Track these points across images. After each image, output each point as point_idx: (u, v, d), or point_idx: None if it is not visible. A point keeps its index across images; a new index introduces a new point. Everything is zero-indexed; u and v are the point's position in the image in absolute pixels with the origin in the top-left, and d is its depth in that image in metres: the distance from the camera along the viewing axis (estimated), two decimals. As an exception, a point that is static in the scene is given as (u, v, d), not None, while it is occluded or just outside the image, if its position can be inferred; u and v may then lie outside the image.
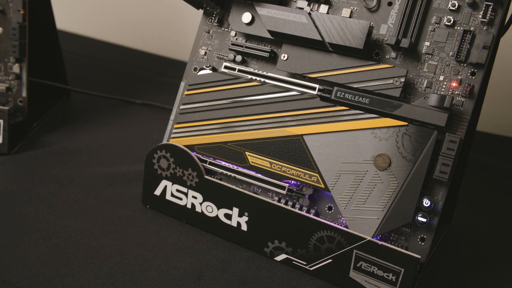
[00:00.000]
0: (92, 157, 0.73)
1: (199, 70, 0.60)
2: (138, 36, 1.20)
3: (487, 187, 0.73)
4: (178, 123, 0.60)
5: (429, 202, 0.48)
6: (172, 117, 0.62)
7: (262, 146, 0.55)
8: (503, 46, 0.67)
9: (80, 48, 1.15)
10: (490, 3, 0.48)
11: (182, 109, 0.59)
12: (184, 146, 0.58)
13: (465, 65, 0.49)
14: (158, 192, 0.61)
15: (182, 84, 0.62)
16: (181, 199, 0.59)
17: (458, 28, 0.50)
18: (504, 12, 0.49)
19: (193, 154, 0.58)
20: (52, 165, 0.70)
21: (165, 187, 0.60)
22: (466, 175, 0.64)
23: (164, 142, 0.61)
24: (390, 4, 0.53)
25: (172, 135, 0.60)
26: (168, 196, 0.60)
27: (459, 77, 0.49)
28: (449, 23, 0.50)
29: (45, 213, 0.59)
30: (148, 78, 1.04)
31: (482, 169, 0.76)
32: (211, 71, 0.59)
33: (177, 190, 0.59)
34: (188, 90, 0.59)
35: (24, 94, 0.74)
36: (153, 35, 1.18)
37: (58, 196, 0.63)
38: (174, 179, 0.59)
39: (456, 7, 0.50)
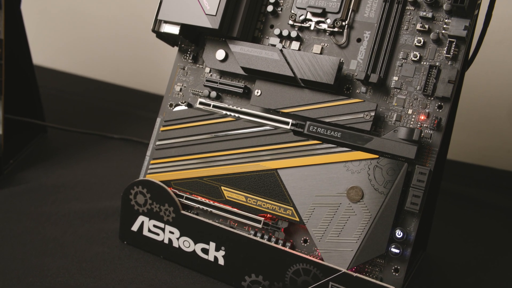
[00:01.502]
0: (69, 193, 0.73)
1: (175, 106, 0.61)
2: (115, 71, 1.21)
3: (460, 215, 0.74)
4: (154, 158, 0.60)
5: (401, 233, 0.49)
6: (148, 152, 0.62)
7: (237, 181, 0.56)
8: (470, 78, 0.70)
9: (57, 83, 1.15)
10: (453, 40, 0.50)
11: (158, 145, 0.60)
12: (161, 181, 0.59)
13: (432, 98, 0.51)
14: (135, 228, 0.61)
15: (158, 120, 0.63)
16: (158, 234, 0.60)
17: (424, 63, 0.51)
18: (467, 47, 0.51)
19: (169, 189, 0.58)
20: (29, 203, 0.69)
21: (142, 222, 0.60)
22: (439, 204, 0.65)
23: (141, 178, 0.62)
24: (359, 40, 0.55)
25: (149, 171, 0.60)
26: (145, 232, 0.60)
27: (427, 110, 0.51)
28: (415, 59, 0.52)
29: (20, 252, 0.59)
30: (126, 113, 1.04)
31: (455, 197, 0.78)
32: (186, 107, 0.60)
33: (154, 226, 0.60)
34: (164, 126, 0.60)
35: (0, 131, 0.74)
36: (130, 69, 1.19)
37: (34, 234, 0.63)
38: (151, 215, 0.60)
39: (421, 43, 0.52)
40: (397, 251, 0.49)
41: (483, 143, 0.86)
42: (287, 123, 0.55)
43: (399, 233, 0.49)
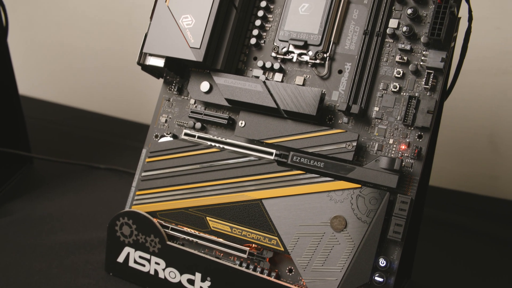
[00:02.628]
0: (55, 224, 0.73)
1: (160, 137, 0.61)
2: (101, 100, 1.21)
3: (444, 241, 0.75)
4: (140, 189, 0.60)
5: (384, 262, 0.50)
6: (134, 183, 0.63)
7: (222, 211, 0.56)
8: (452, 105, 0.71)
9: (43, 113, 1.15)
10: (431, 71, 0.52)
11: (143, 176, 0.60)
12: (146, 212, 0.59)
13: (412, 128, 0.52)
14: (121, 259, 0.61)
15: (144, 151, 0.63)
16: (144, 265, 0.60)
17: (404, 94, 0.53)
18: (445, 78, 0.52)
19: (155, 220, 0.59)
20: (14, 235, 0.69)
21: (128, 254, 0.61)
22: (422, 230, 0.66)
23: (127, 209, 0.62)
24: (340, 72, 0.56)
25: (134, 202, 0.61)
26: (131, 263, 0.60)
27: (408, 140, 0.52)
28: (395, 90, 0.53)
29: (5, 285, 0.59)
30: (112, 142, 1.05)
31: (438, 223, 0.79)
32: (171, 138, 0.60)
33: (140, 257, 0.60)
34: (149, 157, 0.61)
35: (-15, 163, 0.74)
36: (116, 98, 1.20)
37: (19, 266, 0.62)
38: (137, 246, 0.60)
39: (401, 74, 0.53)
40: (380, 279, 0.50)
41: (466, 170, 0.87)
42: (271, 154, 0.55)
43: (382, 262, 0.50)
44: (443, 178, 0.87)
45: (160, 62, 0.59)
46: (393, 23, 0.54)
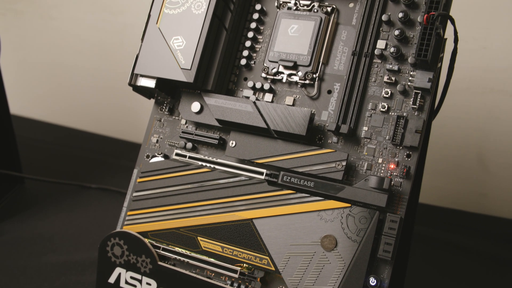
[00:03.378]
0: (45, 245, 0.72)
1: (151, 158, 0.62)
2: (93, 119, 1.22)
3: (435, 259, 0.76)
4: (131, 210, 0.61)
5: (375, 281, 0.50)
6: (125, 204, 0.63)
7: (213, 231, 0.56)
8: (440, 123, 0.72)
9: (34, 132, 1.15)
10: (418, 91, 0.52)
11: (135, 196, 0.61)
12: (138, 232, 0.59)
13: (401, 148, 0.53)
14: (112, 280, 0.61)
15: (135, 171, 0.63)
16: (135, 286, 0.60)
17: (392, 114, 0.53)
18: (432, 98, 0.53)
19: (146, 240, 0.59)
20: (4, 256, 0.69)
21: (119, 274, 0.60)
22: (413, 248, 0.66)
23: (118, 229, 0.62)
24: (329, 92, 0.57)
25: (126, 222, 0.61)
26: (122, 284, 0.60)
27: (396, 159, 0.53)
28: (384, 109, 0.54)
29: (-4, 307, 0.59)
30: (104, 161, 1.05)
31: (429, 241, 0.79)
32: (163, 159, 0.61)
33: (131, 277, 0.60)
34: (140, 177, 0.61)
35: (-24, 184, 0.74)
36: (107, 117, 1.20)
37: (10, 288, 0.62)
38: (128, 266, 0.60)
39: (389, 94, 0.54)
40: (371, 298, 0.50)
41: (455, 187, 0.88)
42: (261, 173, 0.56)
43: (372, 281, 0.50)
44: (434, 195, 0.87)
45: (151, 83, 0.60)
46: (380, 44, 0.55)
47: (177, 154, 0.61)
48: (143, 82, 0.60)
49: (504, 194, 0.85)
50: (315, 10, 0.58)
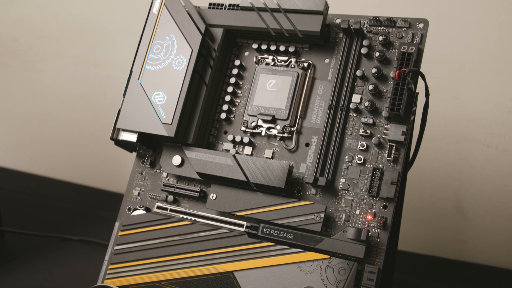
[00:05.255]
0: (25, 300, 0.72)
1: (133, 211, 0.62)
2: (74, 169, 1.22)
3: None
4: (112, 263, 0.61)
5: (355, 332, 0.51)
6: (106, 257, 0.63)
7: (195, 284, 0.56)
8: (418, 172, 0.74)
9: (14, 183, 1.15)
10: (393, 144, 0.54)
11: (116, 249, 0.61)
12: (119, 286, 0.59)
13: (377, 199, 0.54)
14: (92, 335, 0.60)
15: (117, 224, 0.64)
16: None
17: (368, 166, 0.55)
18: (407, 150, 0.55)
19: (127, 295, 0.59)
20: (-17, 312, 0.68)
21: (100, 329, 0.60)
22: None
23: (99, 283, 0.62)
24: (307, 145, 0.58)
25: (107, 276, 0.61)
26: None
27: (373, 210, 0.54)
28: (360, 162, 0.55)
29: None
30: (85, 212, 1.04)
31: (410, 289, 0.80)
32: (144, 212, 0.61)
33: (112, 333, 0.59)
34: (122, 230, 0.61)
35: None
36: (89, 167, 1.20)
37: None
38: (109, 321, 0.59)
39: (365, 147, 0.55)
40: None
41: (435, 235, 0.89)
42: (241, 226, 0.56)
43: (353, 332, 0.51)
44: (414, 243, 0.88)
45: (133, 137, 0.61)
46: (356, 98, 0.57)
47: (158, 207, 0.61)
48: (125, 136, 0.61)
49: (483, 241, 0.86)
50: (292, 66, 0.60)
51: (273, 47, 0.62)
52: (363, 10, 0.64)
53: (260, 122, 0.60)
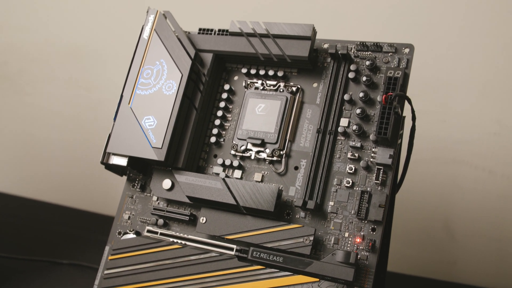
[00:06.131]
0: (14, 325, 0.71)
1: (123, 235, 0.62)
2: (64, 192, 1.21)
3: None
4: (102, 288, 0.61)
5: None
6: (96, 281, 0.63)
7: (185, 308, 0.56)
8: (406, 194, 0.74)
9: (3, 206, 1.14)
10: (380, 167, 0.55)
11: (106, 274, 0.61)
12: (108, 311, 0.59)
13: (366, 222, 0.54)
14: None
15: (107, 248, 0.64)
16: None
17: (357, 189, 0.56)
18: (394, 173, 0.56)
19: (117, 319, 0.58)
20: (-29, 338, 0.67)
21: None
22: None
23: (88, 308, 0.62)
24: (296, 168, 0.59)
25: (97, 301, 0.61)
26: None
27: (362, 233, 0.54)
28: (348, 185, 0.56)
29: None
30: (75, 235, 1.04)
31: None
32: (134, 235, 0.61)
33: None
34: (112, 254, 0.61)
35: None
36: (78, 190, 1.20)
37: None
38: None
39: (353, 170, 0.56)
40: None
41: (425, 256, 0.90)
42: (231, 249, 0.57)
43: None
44: (403, 264, 0.89)
45: (123, 161, 0.61)
46: (344, 122, 0.58)
47: (148, 231, 0.61)
48: (115, 160, 0.62)
49: (472, 262, 0.86)
50: (281, 90, 0.61)
51: (262, 72, 0.62)
52: (350, 35, 0.65)
53: (249, 146, 0.60)
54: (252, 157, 0.60)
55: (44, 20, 1.20)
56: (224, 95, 0.63)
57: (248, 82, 0.63)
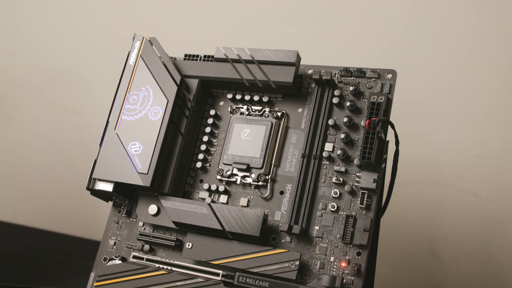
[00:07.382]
0: None
1: (109, 261, 0.62)
2: (48, 216, 1.20)
3: None
4: (87, 315, 0.60)
5: None
6: (81, 308, 0.62)
7: (170, 335, 0.56)
8: (392, 216, 0.75)
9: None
10: (365, 191, 0.55)
11: (91, 300, 0.60)
12: None
13: (351, 246, 0.55)
14: None
15: (92, 274, 0.63)
16: None
17: (342, 213, 0.56)
18: (379, 197, 0.56)
19: None
20: None
21: None
22: None
23: (73, 335, 0.61)
24: (282, 193, 0.59)
25: (81, 328, 0.60)
26: None
27: (347, 258, 0.54)
28: (333, 209, 0.56)
29: None
30: (60, 261, 1.03)
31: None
32: (120, 262, 0.61)
33: None
34: (97, 281, 0.61)
35: None
36: (62, 214, 1.19)
37: None
38: None
39: (338, 195, 0.56)
40: None
41: (411, 278, 0.90)
42: (217, 275, 0.57)
43: None
44: (390, 287, 0.89)
45: (109, 187, 0.61)
46: (328, 146, 0.58)
47: (134, 257, 0.61)
48: (101, 186, 0.62)
49: (458, 284, 0.87)
50: (266, 115, 0.62)
51: (247, 97, 0.63)
52: (334, 61, 0.66)
53: (235, 171, 0.61)
54: (238, 182, 0.61)
55: (30, 45, 1.20)
56: (210, 120, 0.64)
57: (234, 108, 0.64)
